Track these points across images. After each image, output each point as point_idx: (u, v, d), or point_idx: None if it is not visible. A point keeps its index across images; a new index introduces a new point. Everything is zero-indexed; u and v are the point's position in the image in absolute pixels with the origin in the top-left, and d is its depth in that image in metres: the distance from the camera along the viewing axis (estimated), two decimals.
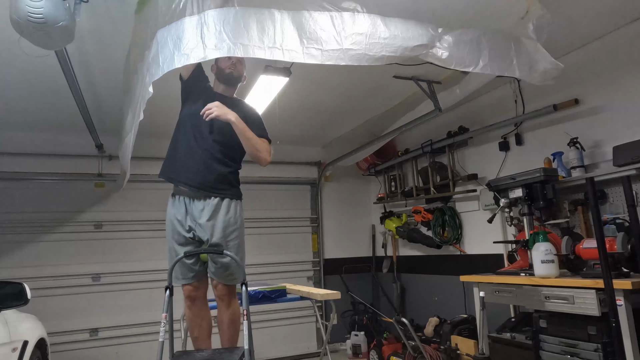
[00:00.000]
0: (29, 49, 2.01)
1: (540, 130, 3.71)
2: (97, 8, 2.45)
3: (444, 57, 2.22)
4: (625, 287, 2.29)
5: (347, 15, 1.97)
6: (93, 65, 3.22)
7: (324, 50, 1.93)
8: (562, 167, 3.28)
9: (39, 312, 3.49)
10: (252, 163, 2.72)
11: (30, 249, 4.59)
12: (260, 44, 1.84)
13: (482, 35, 2.34)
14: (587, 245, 2.71)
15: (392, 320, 4.09)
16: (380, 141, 4.92)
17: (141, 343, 4.82)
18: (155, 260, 5.00)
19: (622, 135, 2.98)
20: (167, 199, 2.64)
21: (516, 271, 3.07)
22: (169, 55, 1.79)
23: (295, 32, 1.89)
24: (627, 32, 3.05)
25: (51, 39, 1.88)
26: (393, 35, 2.04)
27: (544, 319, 2.74)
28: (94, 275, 4.78)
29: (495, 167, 4.10)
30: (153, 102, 1.94)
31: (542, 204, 3.03)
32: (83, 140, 4.67)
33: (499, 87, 4.03)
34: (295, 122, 4.90)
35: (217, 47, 1.78)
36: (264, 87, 3.56)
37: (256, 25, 1.85)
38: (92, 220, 4.87)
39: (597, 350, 2.39)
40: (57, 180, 4.78)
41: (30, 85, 3.54)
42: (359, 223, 6.18)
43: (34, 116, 4.24)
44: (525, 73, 2.46)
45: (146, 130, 4.70)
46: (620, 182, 2.77)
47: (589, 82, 3.31)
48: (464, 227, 4.51)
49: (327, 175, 6.08)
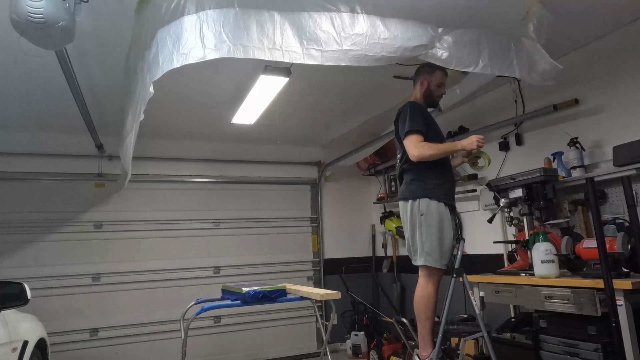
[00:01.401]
0: (29, 49, 2.00)
1: (540, 130, 3.71)
2: (97, 8, 2.45)
3: (444, 57, 2.23)
4: (625, 287, 2.29)
5: (347, 16, 1.98)
6: (93, 65, 3.22)
7: (323, 51, 1.93)
8: (562, 167, 3.28)
9: (39, 312, 3.49)
10: (252, 163, 2.73)
11: (30, 249, 4.59)
12: (260, 45, 1.84)
13: (482, 35, 2.35)
14: (587, 245, 2.70)
15: (392, 320, 4.09)
16: (380, 141, 4.92)
17: (141, 343, 4.83)
18: (155, 260, 5.02)
19: (622, 135, 2.98)
20: (166, 199, 2.63)
21: (516, 271, 3.07)
22: (168, 55, 1.80)
23: (295, 33, 1.90)
24: (627, 32, 3.05)
25: (51, 39, 1.88)
26: (393, 36, 2.05)
27: (544, 319, 2.74)
28: (94, 275, 4.78)
29: (495, 167, 4.09)
30: (153, 102, 1.94)
31: (542, 204, 3.03)
32: (83, 140, 4.67)
33: (499, 87, 4.03)
34: (295, 122, 4.90)
35: (217, 47, 1.78)
36: (264, 87, 3.56)
37: (256, 26, 1.85)
38: (92, 220, 4.87)
39: (597, 350, 2.39)
40: (57, 180, 4.78)
41: (30, 85, 3.54)
42: (359, 223, 6.18)
43: (34, 116, 4.24)
44: (525, 73, 2.47)
45: (146, 130, 4.74)
46: (620, 182, 2.77)
47: (589, 82, 3.31)
48: (464, 227, 4.50)
49: (327, 175, 6.08)
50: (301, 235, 5.82)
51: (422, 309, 2.70)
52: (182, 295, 4.94)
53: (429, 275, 2.72)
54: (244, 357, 5.22)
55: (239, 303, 3.00)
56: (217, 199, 5.43)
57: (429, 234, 2.70)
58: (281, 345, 5.42)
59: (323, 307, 5.58)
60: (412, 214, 2.78)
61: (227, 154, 5.53)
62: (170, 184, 5.23)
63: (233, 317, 5.17)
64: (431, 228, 2.70)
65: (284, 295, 3.11)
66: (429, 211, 2.72)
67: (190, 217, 5.24)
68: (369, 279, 5.93)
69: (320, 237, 5.90)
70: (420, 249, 2.73)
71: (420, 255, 2.73)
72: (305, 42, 1.90)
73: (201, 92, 3.87)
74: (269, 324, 5.37)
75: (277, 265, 5.58)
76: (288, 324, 5.48)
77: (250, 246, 5.50)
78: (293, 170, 5.90)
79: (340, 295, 3.06)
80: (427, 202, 2.73)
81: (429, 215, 2.72)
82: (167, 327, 4.89)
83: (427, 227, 2.71)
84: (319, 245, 5.86)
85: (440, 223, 2.71)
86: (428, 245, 2.70)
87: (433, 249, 2.69)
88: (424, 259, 2.71)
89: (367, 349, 4.92)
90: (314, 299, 3.07)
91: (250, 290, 2.95)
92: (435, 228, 2.70)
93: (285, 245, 5.69)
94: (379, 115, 4.69)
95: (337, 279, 5.64)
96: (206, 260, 5.25)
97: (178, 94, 3.87)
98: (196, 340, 4.89)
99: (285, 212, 5.76)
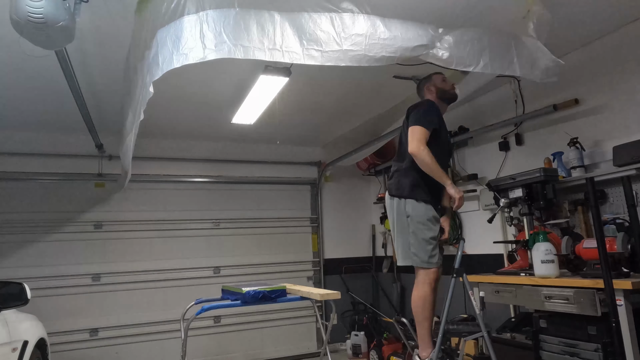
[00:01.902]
0: (29, 49, 2.01)
1: (540, 130, 3.71)
2: (97, 8, 2.44)
3: (445, 57, 2.22)
4: (625, 287, 2.29)
5: (347, 17, 1.98)
6: (93, 65, 3.22)
7: (323, 52, 1.93)
8: (562, 167, 3.28)
9: (39, 312, 3.49)
10: (252, 163, 2.73)
11: (30, 249, 4.59)
12: (261, 46, 1.84)
13: (482, 34, 2.34)
14: (587, 245, 2.70)
15: (392, 320, 4.09)
16: (380, 141, 4.92)
17: (141, 343, 4.83)
18: (155, 260, 5.02)
19: (622, 135, 2.99)
20: (166, 199, 2.63)
21: (516, 271, 3.07)
22: (168, 55, 1.79)
23: (295, 34, 1.90)
24: (627, 32, 3.05)
25: (51, 39, 1.88)
26: (393, 36, 2.04)
27: (544, 319, 2.74)
28: (94, 275, 4.78)
29: (495, 167, 4.09)
30: (153, 102, 1.94)
31: (542, 204, 3.03)
32: (83, 140, 4.68)
33: (499, 87, 4.03)
34: (295, 122, 4.90)
35: (217, 48, 1.78)
36: (264, 87, 3.56)
37: (256, 27, 1.85)
38: (92, 220, 4.87)
39: (597, 350, 2.39)
40: (57, 180, 4.78)
41: (30, 85, 3.54)
42: (359, 223, 6.18)
43: (34, 116, 4.25)
44: (527, 71, 2.46)
45: (146, 130, 4.74)
46: (620, 182, 2.77)
47: (589, 82, 3.31)
48: (464, 227, 4.51)
49: (327, 175, 6.08)
50: (301, 236, 5.82)
51: (419, 310, 2.70)
52: (182, 295, 4.94)
53: (425, 276, 2.72)
54: (244, 357, 5.23)
55: (238, 303, 3.00)
56: (217, 199, 5.43)
57: (415, 235, 2.70)
58: (281, 345, 5.42)
59: (323, 307, 5.58)
60: (399, 213, 2.78)
61: (227, 154, 5.53)
62: (170, 184, 5.22)
63: (233, 317, 5.17)
64: (418, 231, 2.69)
65: (284, 295, 3.11)
66: (415, 214, 2.71)
67: (190, 217, 5.24)
68: (369, 279, 5.93)
69: (320, 237, 5.89)
70: (407, 250, 2.72)
71: (407, 257, 2.73)
72: (305, 43, 1.90)
73: (201, 92, 3.87)
74: (269, 324, 5.37)
75: (277, 265, 5.58)
76: (288, 324, 5.48)
77: (250, 246, 5.50)
78: (293, 170, 5.90)
79: (340, 295, 3.06)
80: (412, 204, 2.73)
81: (415, 218, 2.71)
82: (167, 327, 4.90)
83: (414, 229, 2.70)
84: (319, 245, 5.86)
85: (426, 225, 2.70)
86: (415, 247, 2.69)
87: (419, 250, 2.68)
88: (410, 260, 2.71)
89: (367, 349, 4.92)
90: (314, 299, 3.07)
91: (250, 290, 2.95)
92: (421, 231, 2.69)
93: (285, 245, 5.69)
94: (379, 115, 4.69)
95: (337, 279, 5.64)
96: (206, 260, 5.25)
97: (178, 93, 3.87)
98: (196, 340, 4.89)
99: (285, 212, 5.76)
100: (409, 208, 2.73)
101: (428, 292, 2.70)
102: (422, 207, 2.72)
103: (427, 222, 2.70)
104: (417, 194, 2.74)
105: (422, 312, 2.69)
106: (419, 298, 2.71)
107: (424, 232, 2.69)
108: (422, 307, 2.69)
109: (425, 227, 2.69)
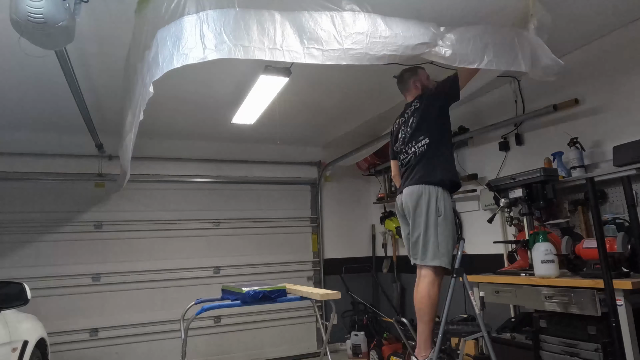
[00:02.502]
0: (29, 49, 2.00)
1: (540, 130, 3.71)
2: (97, 8, 2.44)
3: (448, 55, 2.20)
4: (625, 287, 2.29)
5: (348, 15, 1.97)
6: (93, 65, 3.22)
7: (324, 50, 1.92)
8: (562, 167, 3.28)
9: (39, 312, 3.49)
10: (252, 163, 2.72)
11: (30, 249, 4.59)
12: (261, 45, 1.84)
13: (485, 31, 2.32)
14: (587, 245, 2.70)
15: (392, 320, 4.09)
16: (380, 141, 4.92)
17: (141, 343, 4.83)
18: (155, 260, 5.02)
19: (622, 135, 2.98)
20: (166, 199, 2.63)
21: (516, 271, 3.07)
22: (168, 55, 1.79)
23: (296, 33, 1.89)
24: (627, 32, 3.05)
25: (51, 39, 1.88)
26: (394, 34, 2.04)
27: (544, 319, 2.74)
28: (94, 275, 4.78)
29: (495, 167, 4.09)
30: (154, 102, 1.94)
31: (542, 204, 3.03)
32: (83, 140, 4.67)
33: (499, 87, 4.03)
34: (295, 122, 4.90)
35: (217, 48, 1.78)
36: (264, 87, 3.56)
37: (256, 26, 1.84)
38: (92, 220, 4.87)
39: (597, 350, 2.39)
40: (57, 180, 4.78)
41: (30, 86, 3.53)
42: (359, 223, 6.18)
43: (34, 116, 4.24)
44: (529, 67, 2.45)
45: (146, 130, 4.74)
46: (620, 182, 2.77)
47: (589, 82, 3.31)
48: (464, 227, 4.50)
49: (327, 175, 6.08)
50: (301, 235, 5.82)
51: (426, 310, 2.62)
52: (182, 295, 4.94)
53: (437, 275, 2.63)
54: (244, 357, 5.22)
55: (239, 303, 3.00)
56: (217, 199, 5.43)
57: (445, 235, 2.59)
58: (281, 345, 5.42)
59: (323, 307, 5.58)
60: (429, 209, 2.61)
61: (227, 154, 5.53)
62: (170, 184, 5.22)
63: (233, 317, 5.17)
64: (447, 230, 2.59)
65: (284, 295, 3.11)
66: (447, 210, 2.61)
67: (190, 217, 5.24)
68: (369, 279, 5.93)
69: (320, 237, 5.89)
70: (435, 249, 2.60)
71: (435, 256, 2.59)
72: (306, 42, 1.90)
73: (201, 92, 3.86)
74: (269, 324, 5.37)
75: (277, 265, 5.58)
76: (288, 324, 5.48)
77: (250, 246, 5.50)
78: (293, 170, 5.90)
79: (340, 295, 3.06)
80: (445, 199, 2.61)
81: (447, 214, 2.61)
82: (167, 327, 4.89)
83: (445, 228, 2.59)
84: (319, 245, 5.86)
85: (452, 220, 2.62)
86: (444, 247, 2.59)
87: (449, 250, 2.59)
88: (439, 260, 2.59)
89: (367, 349, 4.93)
90: (314, 299, 3.07)
91: (250, 290, 2.95)
92: (450, 230, 2.60)
93: (285, 245, 5.69)
94: (379, 115, 4.68)
95: (337, 279, 5.64)
96: (206, 260, 5.25)
97: (178, 93, 3.86)
98: (196, 340, 4.89)
99: (285, 212, 5.76)
100: (441, 205, 2.61)
101: (437, 293, 2.63)
102: (450, 202, 2.64)
103: (453, 216, 2.63)
104: (449, 185, 2.66)
105: (429, 312, 2.62)
106: (429, 298, 2.62)
107: (452, 230, 2.61)
108: (431, 307, 2.62)
109: (452, 224, 2.62)
